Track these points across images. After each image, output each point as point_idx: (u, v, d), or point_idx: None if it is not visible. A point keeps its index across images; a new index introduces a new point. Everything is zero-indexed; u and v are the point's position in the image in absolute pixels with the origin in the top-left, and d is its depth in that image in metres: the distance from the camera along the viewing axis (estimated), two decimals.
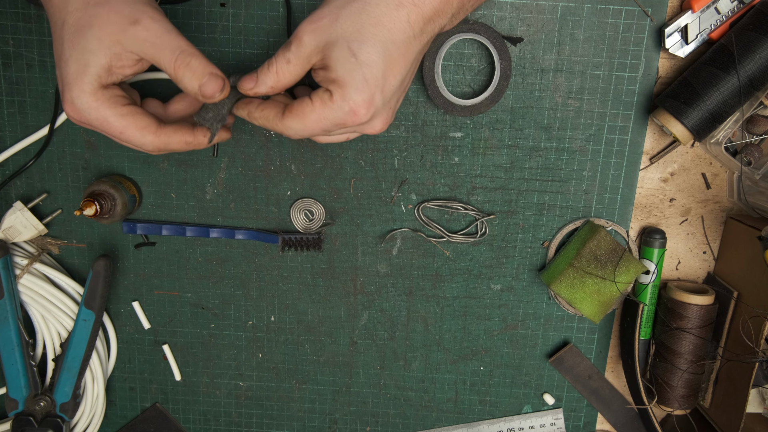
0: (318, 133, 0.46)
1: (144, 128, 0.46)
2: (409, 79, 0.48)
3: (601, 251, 0.61)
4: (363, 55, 0.43)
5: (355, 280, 0.66)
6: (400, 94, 0.47)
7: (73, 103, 0.45)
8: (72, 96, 0.45)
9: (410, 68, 0.46)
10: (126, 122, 0.46)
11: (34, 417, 0.65)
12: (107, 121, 0.45)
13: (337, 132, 0.48)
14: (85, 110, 0.45)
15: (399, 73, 0.45)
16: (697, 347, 0.61)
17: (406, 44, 0.44)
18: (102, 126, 0.46)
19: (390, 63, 0.44)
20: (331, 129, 0.46)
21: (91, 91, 0.45)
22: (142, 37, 0.44)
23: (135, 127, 0.46)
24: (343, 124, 0.45)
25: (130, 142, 0.47)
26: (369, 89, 0.44)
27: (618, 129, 0.61)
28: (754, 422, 0.62)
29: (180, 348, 0.69)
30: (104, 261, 0.62)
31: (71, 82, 0.44)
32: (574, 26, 0.59)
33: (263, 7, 0.59)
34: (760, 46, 0.52)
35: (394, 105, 0.47)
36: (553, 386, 0.69)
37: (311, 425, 0.71)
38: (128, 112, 0.46)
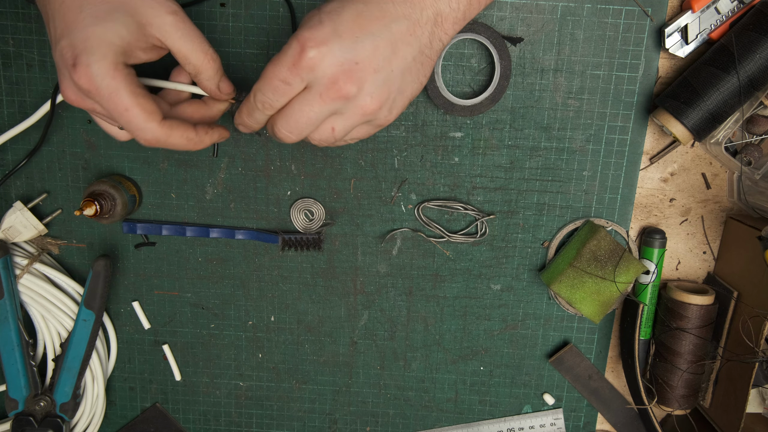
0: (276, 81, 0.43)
1: (151, 113, 0.44)
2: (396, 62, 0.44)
3: (601, 251, 0.61)
4: (326, 6, 0.43)
5: (355, 280, 0.66)
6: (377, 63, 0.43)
7: (89, 66, 0.42)
8: (90, 60, 0.42)
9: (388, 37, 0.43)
10: (135, 101, 0.43)
11: (34, 417, 0.65)
12: (118, 92, 0.43)
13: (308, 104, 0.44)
14: (100, 76, 0.42)
15: (368, 29, 0.42)
16: (697, 347, 0.61)
17: (381, 7, 0.43)
18: (110, 97, 0.43)
19: (356, 15, 0.42)
20: (289, 75, 0.42)
21: (112, 60, 0.42)
22: (178, 27, 0.44)
23: (142, 109, 0.44)
24: (294, 64, 0.42)
25: (131, 123, 0.44)
26: (322, 29, 0.41)
27: (618, 129, 0.61)
28: (754, 422, 0.62)
29: (180, 348, 0.69)
30: (104, 261, 0.62)
31: (92, 47, 0.42)
32: (574, 26, 0.59)
33: (263, 7, 0.59)
34: (760, 46, 0.52)
35: (367, 64, 0.43)
36: (553, 386, 0.69)
37: (311, 425, 0.71)
38: (141, 93, 0.44)
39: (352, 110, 0.44)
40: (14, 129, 0.61)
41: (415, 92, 0.47)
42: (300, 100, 0.44)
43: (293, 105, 0.44)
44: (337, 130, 0.45)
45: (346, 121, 0.45)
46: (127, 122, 0.44)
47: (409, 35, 0.44)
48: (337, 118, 0.45)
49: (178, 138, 0.46)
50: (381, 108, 0.45)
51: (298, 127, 0.45)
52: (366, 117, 0.45)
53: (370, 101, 0.44)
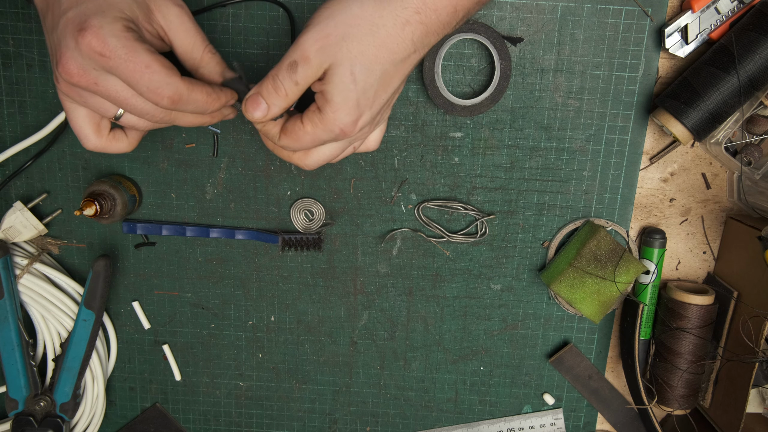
0: (311, 146, 0.47)
1: (171, 68, 0.43)
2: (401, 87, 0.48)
3: (601, 251, 0.61)
4: (362, 81, 0.43)
5: (355, 280, 0.66)
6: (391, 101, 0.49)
7: (101, 28, 0.40)
8: (101, 22, 0.40)
9: (404, 80, 0.47)
10: (154, 57, 0.42)
11: (34, 417, 0.65)
12: (135, 51, 0.41)
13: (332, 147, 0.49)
14: (112, 37, 0.40)
15: (391, 89, 0.46)
16: (697, 347, 0.61)
17: (405, 61, 0.45)
18: (127, 56, 0.41)
19: (385, 82, 0.45)
20: (324, 142, 0.47)
21: (124, 24, 0.41)
22: (182, 20, 0.45)
23: (162, 64, 0.42)
24: (333, 139, 0.46)
25: (153, 80, 0.42)
26: (359, 111, 0.45)
27: (618, 129, 0.61)
28: (754, 422, 0.62)
29: (180, 348, 0.69)
30: (104, 261, 0.62)
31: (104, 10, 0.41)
32: (574, 26, 0.59)
33: (263, 7, 0.59)
34: (760, 46, 0.52)
35: (383, 112, 0.49)
36: (553, 386, 0.69)
37: (311, 425, 0.71)
38: (155, 50, 0.43)
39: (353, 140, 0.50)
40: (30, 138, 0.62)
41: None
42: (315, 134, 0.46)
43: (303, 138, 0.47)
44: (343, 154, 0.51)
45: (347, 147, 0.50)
46: (148, 80, 0.42)
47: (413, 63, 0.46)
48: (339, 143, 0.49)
49: (199, 93, 0.44)
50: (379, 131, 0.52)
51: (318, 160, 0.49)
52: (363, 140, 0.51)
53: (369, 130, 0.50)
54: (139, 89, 0.42)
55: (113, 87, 0.43)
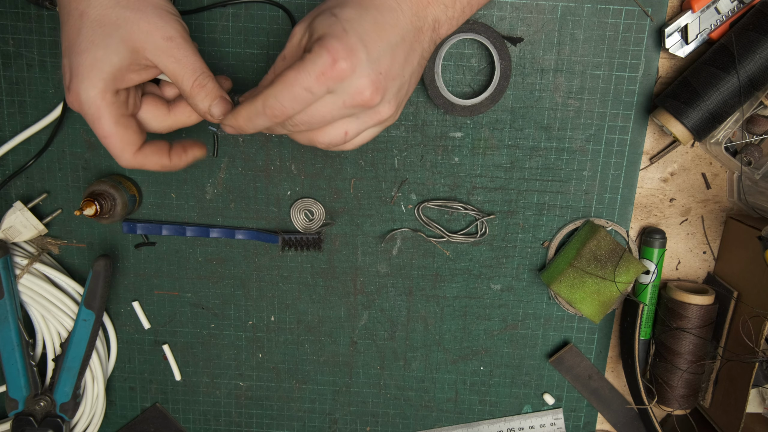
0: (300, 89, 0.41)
1: (128, 144, 0.48)
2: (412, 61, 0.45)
3: (601, 251, 0.61)
4: (343, 14, 0.42)
5: (355, 280, 0.66)
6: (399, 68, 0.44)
7: (79, 94, 0.45)
8: (81, 87, 0.45)
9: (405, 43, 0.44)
10: (115, 131, 0.47)
11: (34, 417, 0.65)
12: (100, 120, 0.46)
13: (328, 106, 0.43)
14: (87, 103, 0.45)
15: (387, 38, 0.42)
16: (697, 347, 0.61)
17: (393, 15, 0.43)
18: (92, 122, 0.46)
19: (375, 24, 0.42)
20: (314, 84, 0.41)
21: (101, 88, 0.45)
22: (171, 54, 0.45)
23: (120, 140, 0.47)
24: (323, 74, 0.41)
25: (109, 148, 0.48)
26: (348, 38, 0.41)
27: (618, 129, 0.61)
28: (754, 422, 0.62)
29: (180, 348, 0.69)
30: (104, 261, 0.62)
31: (83, 73, 0.45)
32: (574, 26, 0.59)
33: (263, 7, 0.59)
34: (760, 46, 0.52)
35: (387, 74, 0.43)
36: (553, 386, 0.69)
37: (311, 425, 0.71)
38: (123, 124, 0.47)
39: (369, 115, 0.45)
40: (24, 133, 0.62)
41: (413, 89, 0.49)
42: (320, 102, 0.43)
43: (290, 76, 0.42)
44: (350, 133, 0.45)
45: (360, 125, 0.45)
46: (105, 146, 0.48)
47: (416, 42, 0.45)
48: (351, 121, 0.45)
49: (152, 165, 0.50)
50: (395, 113, 0.46)
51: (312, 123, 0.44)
52: (380, 122, 0.46)
53: (388, 108, 0.45)
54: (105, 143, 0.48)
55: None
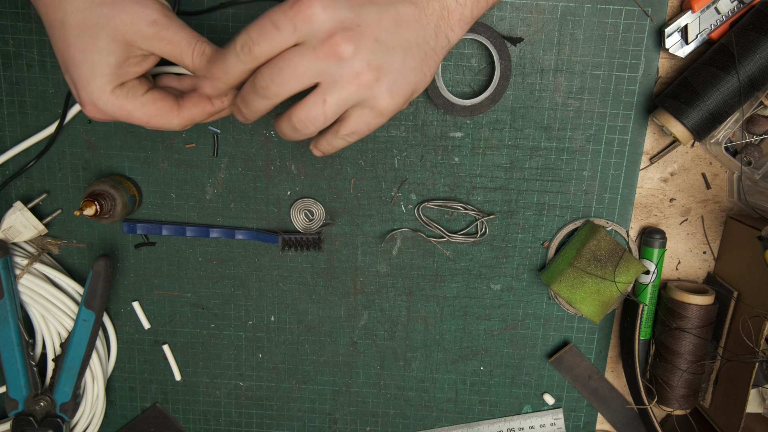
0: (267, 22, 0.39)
1: (168, 112, 0.47)
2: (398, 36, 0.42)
3: (601, 251, 0.61)
4: None
5: (355, 280, 0.66)
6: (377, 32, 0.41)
7: (95, 104, 0.45)
8: (92, 98, 0.45)
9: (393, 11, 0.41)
10: (150, 110, 0.46)
11: (34, 417, 0.65)
12: (132, 114, 0.46)
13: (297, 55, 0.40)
14: (108, 109, 0.46)
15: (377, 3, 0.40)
16: (697, 347, 0.61)
17: None
18: (128, 119, 0.46)
19: None
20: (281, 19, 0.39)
21: (110, 90, 0.45)
22: (160, 37, 0.44)
23: (160, 114, 0.47)
24: (290, 8, 0.39)
25: (157, 127, 0.47)
26: None
27: (618, 129, 0.61)
28: (754, 422, 0.62)
29: (180, 348, 0.69)
30: (104, 261, 0.62)
31: (87, 84, 0.44)
32: (574, 26, 0.59)
33: (263, 7, 0.59)
34: (760, 46, 0.52)
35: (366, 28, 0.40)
36: (553, 386, 0.69)
37: (311, 425, 0.71)
38: (149, 100, 0.46)
39: (346, 77, 0.41)
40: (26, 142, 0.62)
41: (418, 84, 0.44)
42: (289, 52, 0.40)
43: (281, 56, 0.40)
44: (328, 102, 0.41)
45: (340, 92, 0.41)
46: (154, 127, 0.48)
47: (414, 21, 0.42)
48: (328, 87, 0.41)
49: (200, 116, 0.48)
50: (378, 81, 0.41)
51: (282, 77, 0.40)
52: (361, 89, 0.41)
53: (367, 68, 0.41)
54: (151, 127, 0.48)
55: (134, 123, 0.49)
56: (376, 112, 0.43)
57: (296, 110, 0.43)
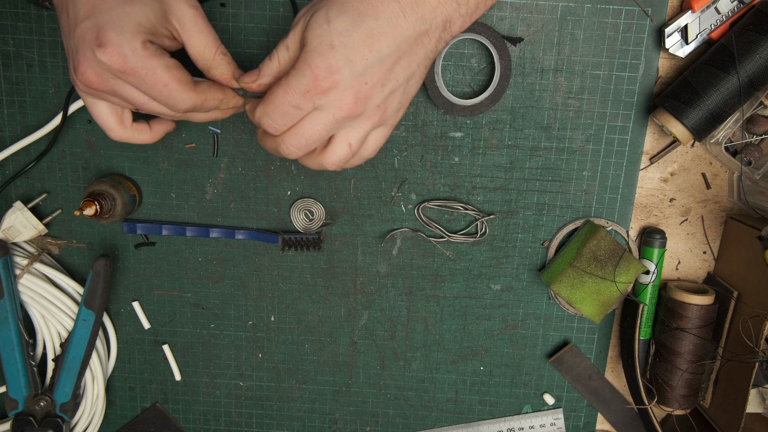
0: (288, 107, 0.44)
1: (187, 83, 0.45)
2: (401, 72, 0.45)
3: (601, 251, 0.61)
4: (336, 24, 0.42)
5: (355, 280, 0.66)
6: (384, 78, 0.44)
7: (121, 46, 0.41)
8: (121, 40, 0.41)
9: (396, 53, 0.44)
10: (171, 75, 0.44)
11: (34, 417, 0.65)
12: (154, 71, 0.43)
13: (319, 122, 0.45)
14: (132, 56, 0.42)
15: (377, 50, 0.43)
16: (697, 347, 0.61)
17: (392, 24, 0.43)
18: (146, 75, 0.43)
19: (367, 36, 0.43)
20: (301, 101, 0.43)
21: (142, 40, 0.43)
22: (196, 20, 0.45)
23: (179, 82, 0.45)
24: (307, 91, 0.43)
25: (170, 97, 0.45)
26: (334, 55, 0.42)
27: (618, 129, 0.61)
28: (754, 422, 0.62)
29: (180, 348, 0.69)
30: (104, 261, 0.62)
31: (120, 24, 0.41)
32: (574, 26, 0.59)
33: (263, 7, 0.59)
34: (760, 46, 0.52)
35: (375, 83, 0.44)
36: (553, 386, 0.69)
37: (311, 425, 0.71)
38: (174, 65, 0.45)
39: (362, 122, 0.46)
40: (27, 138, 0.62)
41: (417, 89, 0.48)
42: (310, 119, 0.45)
43: (303, 123, 0.45)
44: (353, 143, 0.47)
45: (359, 133, 0.46)
46: (166, 96, 0.45)
47: (416, 45, 0.45)
48: (348, 131, 0.46)
49: (212, 100, 0.47)
50: (387, 113, 0.47)
51: (307, 143, 0.46)
52: (376, 124, 0.47)
53: (379, 111, 0.46)
54: (157, 100, 0.45)
55: (130, 93, 0.45)
56: (387, 129, 0.49)
57: (326, 158, 0.47)
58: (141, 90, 0.44)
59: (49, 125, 0.61)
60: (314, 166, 0.48)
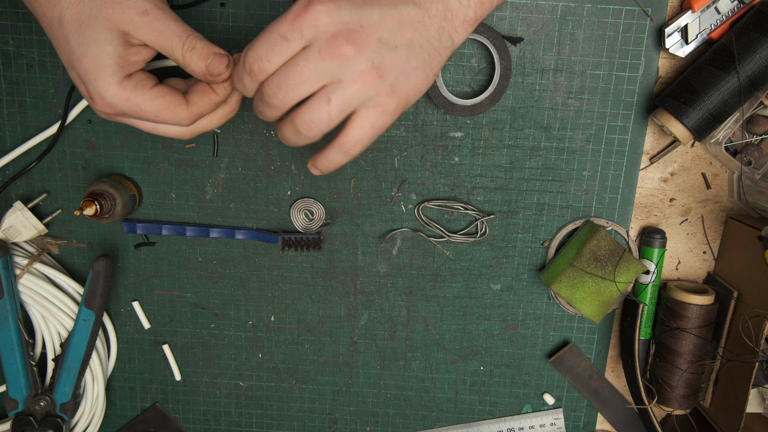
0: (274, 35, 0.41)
1: (177, 105, 0.46)
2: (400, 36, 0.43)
3: (601, 251, 0.61)
4: None
5: (355, 280, 0.66)
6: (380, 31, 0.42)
7: (103, 98, 0.45)
8: (100, 91, 0.44)
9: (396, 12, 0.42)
10: (159, 104, 0.46)
11: (34, 417, 0.65)
12: (140, 107, 0.45)
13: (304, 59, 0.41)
14: (117, 102, 0.45)
15: (380, 4, 0.42)
16: (697, 347, 0.61)
17: None
18: (136, 113, 0.46)
19: None
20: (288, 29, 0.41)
21: (117, 82, 0.44)
22: (151, 27, 0.44)
23: (168, 107, 0.46)
24: (296, 17, 0.41)
25: (166, 121, 0.47)
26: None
27: (618, 129, 0.61)
28: (754, 422, 0.62)
29: (180, 348, 0.69)
30: (104, 261, 0.62)
31: (94, 78, 0.44)
32: (574, 26, 0.59)
33: (263, 7, 0.59)
34: (760, 46, 0.52)
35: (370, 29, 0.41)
36: (553, 386, 0.69)
37: (311, 425, 0.71)
38: (158, 94, 0.46)
39: (350, 75, 0.41)
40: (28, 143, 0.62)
41: (420, 85, 0.45)
42: (295, 58, 0.42)
43: (288, 63, 0.42)
44: (333, 101, 0.42)
45: (344, 91, 0.42)
46: (163, 119, 0.47)
47: (417, 22, 0.43)
48: (333, 87, 0.42)
49: (207, 107, 0.48)
50: (381, 80, 0.42)
51: (289, 84, 0.42)
52: (366, 87, 0.42)
53: (370, 67, 0.42)
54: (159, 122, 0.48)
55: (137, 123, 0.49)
56: (380, 110, 0.43)
57: (300, 113, 0.43)
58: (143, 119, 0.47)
59: (50, 130, 0.61)
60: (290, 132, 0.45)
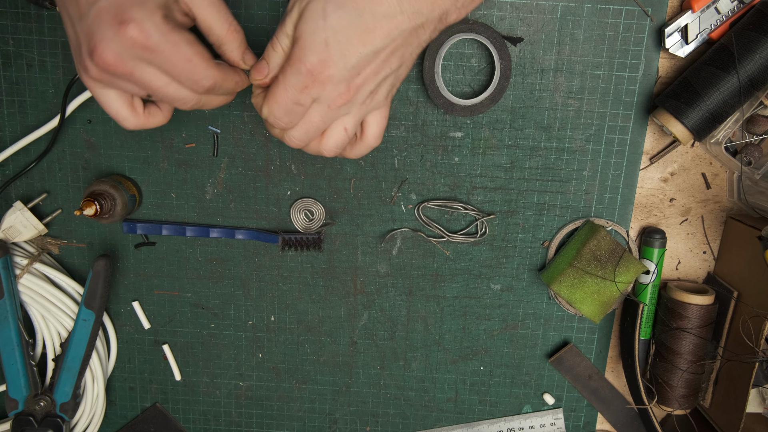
0: (290, 104, 0.45)
1: (209, 59, 0.44)
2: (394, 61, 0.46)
3: (601, 251, 0.61)
4: (332, 20, 0.42)
5: (355, 280, 0.66)
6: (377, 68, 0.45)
7: (143, 22, 0.40)
8: (141, 15, 0.40)
9: (391, 46, 0.44)
10: (194, 50, 0.43)
11: (34, 417, 0.65)
12: (177, 45, 0.42)
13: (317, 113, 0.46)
14: (155, 31, 0.41)
15: (371, 44, 0.43)
16: (697, 347, 0.61)
17: (388, 19, 0.43)
18: (170, 51, 0.42)
19: (363, 31, 0.43)
20: (300, 97, 0.45)
21: (162, 14, 0.41)
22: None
23: (202, 57, 0.43)
24: (305, 87, 0.44)
25: (194, 72, 0.44)
26: (328, 52, 0.43)
27: (618, 129, 0.61)
28: (754, 422, 0.62)
29: (180, 348, 0.69)
30: (104, 261, 0.62)
31: (141, 2, 0.41)
32: (574, 26, 0.59)
33: (263, 7, 0.59)
34: (760, 46, 0.52)
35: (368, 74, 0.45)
36: (553, 386, 0.69)
37: (311, 425, 0.71)
38: (194, 40, 0.44)
39: (356, 108, 0.47)
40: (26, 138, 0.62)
41: (407, 73, 0.49)
42: (310, 112, 0.47)
43: (304, 119, 0.47)
44: (348, 128, 0.48)
45: (354, 117, 0.48)
46: (189, 72, 0.43)
47: (411, 37, 0.45)
48: (345, 118, 0.48)
49: (230, 82, 0.47)
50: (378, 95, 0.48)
51: (307, 133, 0.48)
52: (369, 109, 0.49)
53: (371, 96, 0.47)
54: (178, 80, 0.44)
55: (148, 76, 0.43)
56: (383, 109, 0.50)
57: (324, 144, 0.49)
58: (163, 69, 0.43)
59: (48, 125, 0.61)
60: (314, 152, 0.50)
